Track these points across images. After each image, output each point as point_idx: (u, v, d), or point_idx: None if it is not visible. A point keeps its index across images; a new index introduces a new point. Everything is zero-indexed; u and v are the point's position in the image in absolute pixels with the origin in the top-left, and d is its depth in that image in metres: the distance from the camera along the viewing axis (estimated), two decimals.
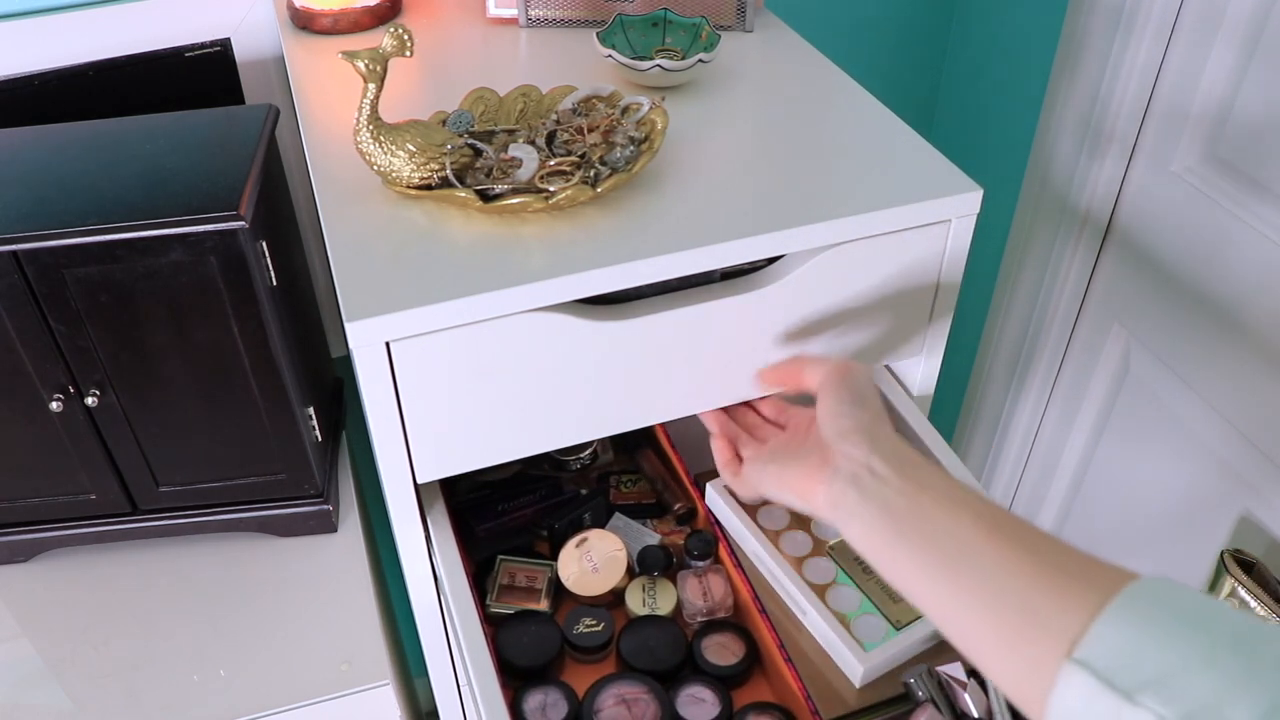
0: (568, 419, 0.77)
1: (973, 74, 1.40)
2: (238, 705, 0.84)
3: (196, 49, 1.02)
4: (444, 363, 0.69)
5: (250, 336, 0.81)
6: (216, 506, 0.93)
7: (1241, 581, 0.99)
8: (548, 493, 1.00)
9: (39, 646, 0.89)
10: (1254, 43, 1.00)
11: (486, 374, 0.71)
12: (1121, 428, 1.29)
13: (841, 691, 0.81)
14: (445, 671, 0.94)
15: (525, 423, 0.76)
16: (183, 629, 0.90)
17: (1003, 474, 1.55)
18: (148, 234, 0.73)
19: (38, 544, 0.94)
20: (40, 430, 0.85)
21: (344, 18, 0.97)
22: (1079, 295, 1.31)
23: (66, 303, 0.77)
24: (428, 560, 0.82)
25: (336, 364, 1.16)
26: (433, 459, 0.75)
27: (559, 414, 0.76)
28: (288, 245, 0.92)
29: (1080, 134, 1.20)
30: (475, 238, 0.72)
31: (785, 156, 0.80)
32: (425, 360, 0.69)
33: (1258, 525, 1.09)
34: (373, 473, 1.35)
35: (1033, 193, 1.31)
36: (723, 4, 0.97)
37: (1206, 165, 1.09)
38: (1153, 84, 1.12)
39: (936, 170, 0.78)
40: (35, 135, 0.85)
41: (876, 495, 0.57)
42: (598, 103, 0.80)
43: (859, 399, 0.63)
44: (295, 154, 1.05)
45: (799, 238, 0.73)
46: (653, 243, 0.70)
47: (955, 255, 0.80)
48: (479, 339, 0.69)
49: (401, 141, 0.72)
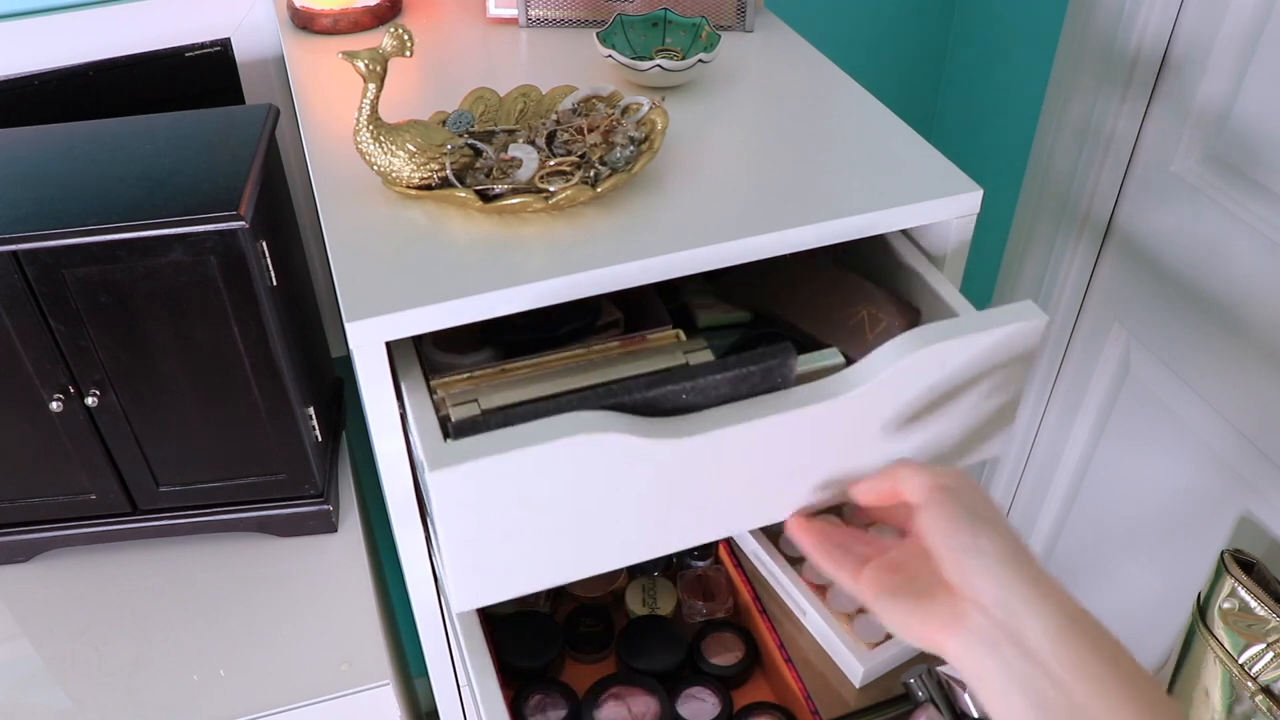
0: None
1: (973, 74, 1.40)
2: (238, 705, 0.84)
3: (196, 49, 1.02)
4: None
5: (250, 336, 0.81)
6: (216, 506, 0.93)
7: (1241, 581, 0.99)
8: None
9: (39, 646, 0.89)
10: (1254, 43, 1.00)
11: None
12: (1121, 428, 1.29)
13: (842, 692, 0.81)
14: (445, 671, 0.94)
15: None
16: (183, 629, 0.90)
17: (1003, 474, 1.55)
18: (148, 234, 0.73)
19: (38, 544, 0.94)
20: (40, 430, 0.85)
21: (344, 18, 0.97)
22: (1079, 295, 1.31)
23: (66, 303, 0.77)
24: (428, 560, 0.82)
25: (336, 364, 1.16)
26: None
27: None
28: (288, 245, 0.92)
29: (1080, 134, 1.20)
30: (475, 238, 0.72)
31: (785, 157, 0.80)
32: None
33: (1258, 525, 1.09)
34: (373, 473, 1.35)
35: (1033, 193, 1.31)
36: (723, 4, 0.97)
37: (1206, 165, 1.09)
38: (1153, 83, 1.12)
39: (936, 170, 0.78)
40: (35, 135, 0.85)
41: (1024, 679, 0.48)
42: (598, 103, 0.80)
43: (973, 520, 0.54)
44: (295, 154, 1.05)
45: (799, 237, 0.73)
46: (653, 243, 0.70)
47: (955, 255, 0.79)
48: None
49: (401, 141, 0.72)
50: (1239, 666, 0.99)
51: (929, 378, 0.67)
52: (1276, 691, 0.97)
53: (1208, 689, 1.04)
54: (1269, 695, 0.97)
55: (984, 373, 0.69)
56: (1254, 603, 0.98)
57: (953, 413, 0.70)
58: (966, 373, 0.68)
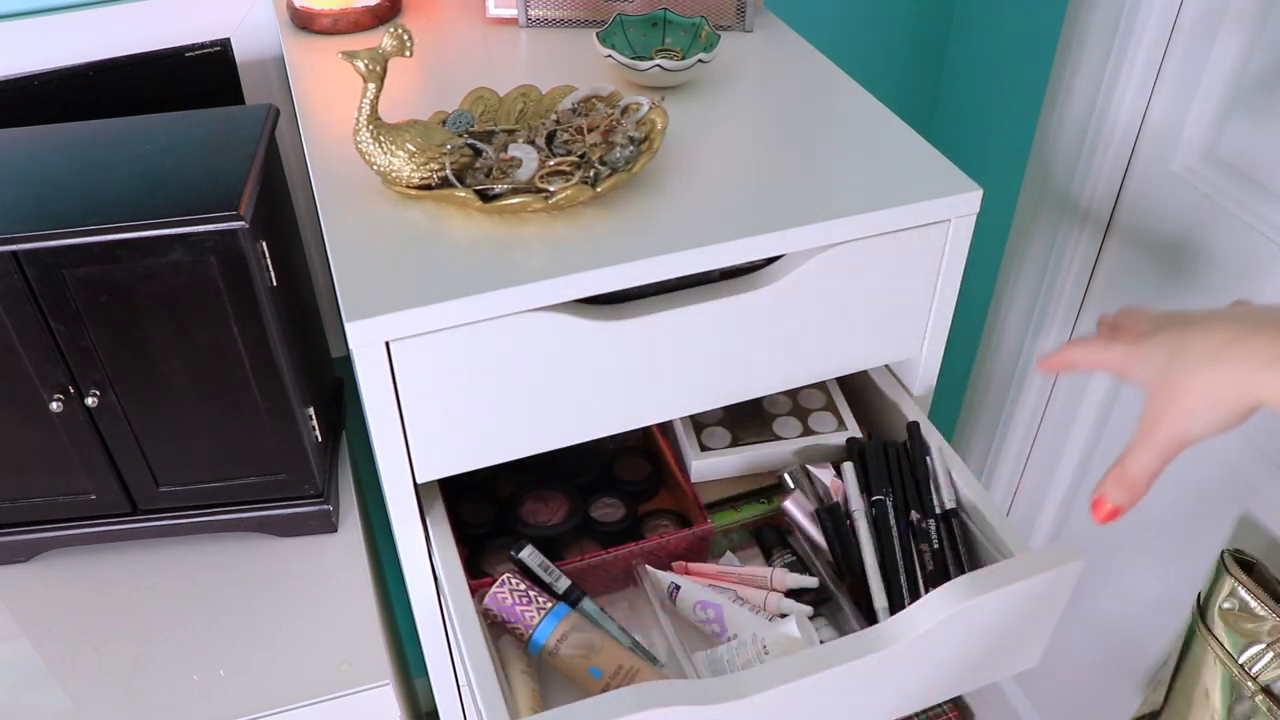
0: (567, 419, 0.77)
1: (973, 74, 1.40)
2: (238, 705, 0.84)
3: (196, 49, 1.02)
4: (444, 363, 0.69)
5: (250, 336, 0.81)
6: (216, 506, 0.93)
7: (1241, 581, 0.99)
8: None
9: (39, 646, 0.89)
10: (1255, 41, 1.00)
11: (486, 374, 0.71)
12: (1121, 428, 1.29)
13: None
14: (445, 671, 0.94)
15: (524, 422, 0.76)
16: (183, 629, 0.90)
17: (1003, 474, 1.55)
18: (147, 234, 0.73)
19: (38, 544, 0.94)
20: (40, 430, 0.85)
21: (344, 18, 0.97)
22: (1079, 295, 1.31)
23: (66, 303, 0.77)
24: (428, 560, 0.82)
25: (336, 364, 1.16)
26: (432, 459, 0.75)
27: (558, 414, 0.76)
28: (288, 245, 0.92)
29: (1080, 134, 1.20)
30: (475, 238, 0.72)
31: (785, 156, 0.80)
32: (425, 360, 0.69)
33: (1258, 525, 1.09)
34: (373, 473, 1.35)
35: (1033, 193, 1.31)
36: (723, 4, 0.97)
37: (1206, 165, 1.09)
38: (1153, 83, 1.12)
39: (936, 170, 0.78)
40: (35, 135, 0.85)
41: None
42: (597, 103, 0.80)
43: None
44: (295, 154, 1.05)
45: (799, 237, 0.73)
46: (653, 243, 0.70)
47: (955, 255, 0.80)
48: (479, 339, 0.69)
49: (401, 141, 0.72)
50: (1239, 666, 0.99)
51: (845, 273, 0.77)
52: (1276, 691, 0.97)
53: (1208, 689, 1.04)
54: (1269, 695, 0.97)
55: (903, 269, 0.78)
56: (1254, 603, 0.98)
57: (870, 312, 0.81)
58: (885, 269, 0.78)
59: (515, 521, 0.92)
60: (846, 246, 0.75)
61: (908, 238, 0.77)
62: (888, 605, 0.79)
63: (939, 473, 0.84)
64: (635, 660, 0.77)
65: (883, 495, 0.83)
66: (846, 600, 0.82)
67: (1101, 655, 1.41)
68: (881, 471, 0.85)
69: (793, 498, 0.88)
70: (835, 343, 0.81)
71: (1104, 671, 1.41)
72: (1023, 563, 0.72)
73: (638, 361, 0.75)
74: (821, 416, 0.95)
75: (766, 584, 0.84)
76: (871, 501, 0.84)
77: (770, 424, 0.94)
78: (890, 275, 0.79)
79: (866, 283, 0.79)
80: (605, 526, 0.93)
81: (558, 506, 0.93)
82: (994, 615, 0.72)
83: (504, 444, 0.77)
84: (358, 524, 0.98)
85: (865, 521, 0.83)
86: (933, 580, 0.79)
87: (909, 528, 0.82)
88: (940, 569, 0.80)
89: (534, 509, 0.93)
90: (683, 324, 0.75)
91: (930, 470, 0.84)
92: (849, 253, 0.76)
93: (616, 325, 0.73)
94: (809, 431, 0.93)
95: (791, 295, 0.77)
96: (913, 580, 0.80)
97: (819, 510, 0.85)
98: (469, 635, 0.73)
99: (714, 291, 0.75)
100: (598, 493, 0.96)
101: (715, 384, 0.80)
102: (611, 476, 0.98)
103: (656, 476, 0.97)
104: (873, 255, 0.77)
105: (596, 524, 0.93)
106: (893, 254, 0.77)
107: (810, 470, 0.89)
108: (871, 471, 0.85)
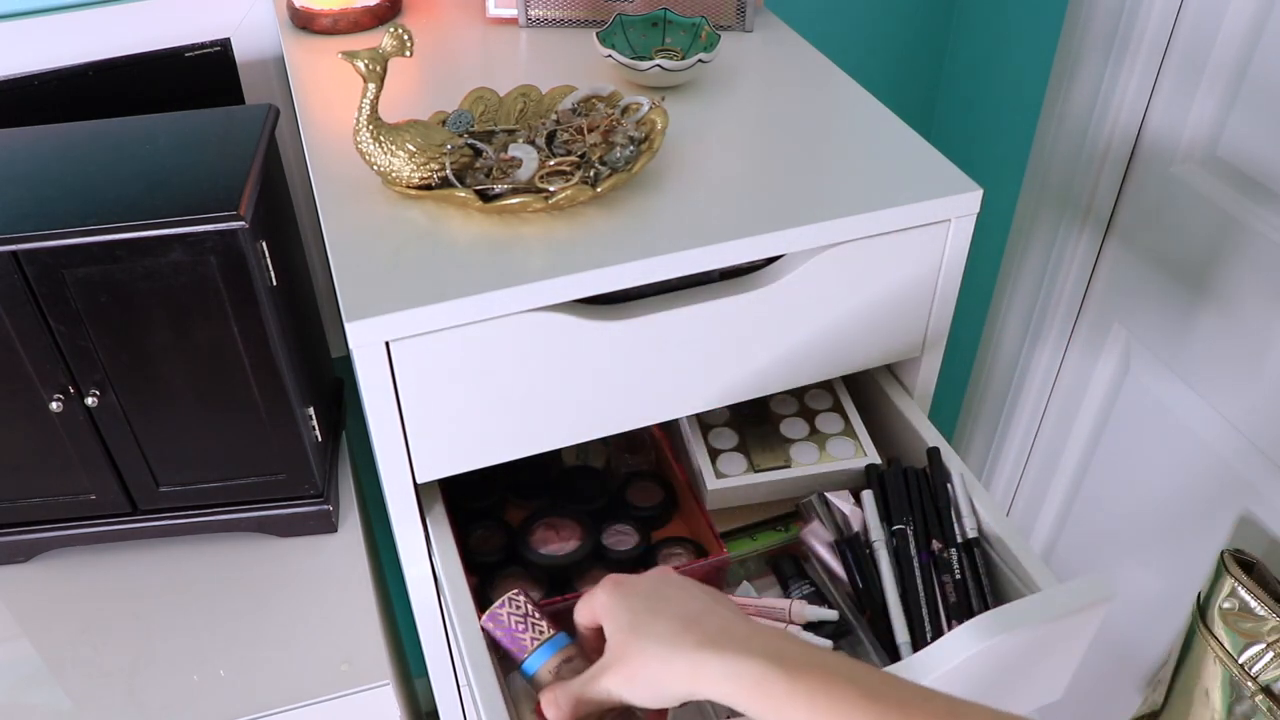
0: (566, 419, 0.77)
1: (973, 74, 1.40)
2: (237, 705, 0.84)
3: (196, 49, 1.02)
4: (444, 363, 0.69)
5: (250, 336, 0.81)
6: (216, 506, 0.93)
7: (1241, 581, 0.99)
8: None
9: (39, 646, 0.89)
10: (1255, 40, 1.00)
11: (486, 374, 0.71)
12: (1121, 427, 1.29)
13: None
14: (445, 671, 0.94)
15: (524, 422, 0.76)
16: (183, 629, 0.90)
17: (1003, 474, 1.55)
18: (148, 234, 0.73)
19: (38, 544, 0.94)
20: (40, 430, 0.85)
21: (344, 18, 0.97)
22: (1079, 295, 1.31)
23: (66, 303, 0.77)
24: (428, 560, 0.82)
25: (336, 364, 1.16)
26: (432, 459, 0.75)
27: (558, 413, 0.76)
28: (288, 245, 0.92)
29: (1080, 134, 1.20)
30: (475, 238, 0.72)
31: (785, 156, 0.80)
32: (425, 360, 0.69)
33: (1258, 525, 1.09)
34: (373, 473, 1.35)
35: (1033, 192, 1.31)
36: (723, 4, 0.97)
37: (1206, 165, 1.09)
38: (1153, 83, 1.12)
39: (936, 170, 0.78)
40: (35, 135, 0.85)
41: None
42: (597, 103, 0.80)
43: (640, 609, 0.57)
44: (295, 154, 1.05)
45: (799, 237, 0.73)
46: (652, 243, 0.70)
47: (955, 255, 0.80)
48: (479, 339, 0.69)
49: (401, 141, 0.72)
50: (1239, 666, 0.99)
51: (846, 274, 0.77)
52: (1277, 691, 0.97)
53: (1208, 689, 1.04)
54: (1269, 695, 0.97)
55: (902, 269, 0.79)
56: (1254, 603, 0.98)
57: (870, 312, 0.81)
58: (885, 269, 0.78)
59: (526, 550, 0.90)
60: (847, 246, 0.75)
61: (908, 238, 0.77)
62: (909, 640, 0.76)
63: (960, 500, 0.81)
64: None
65: (903, 524, 0.80)
66: (867, 634, 0.79)
67: (1101, 655, 1.41)
68: (902, 499, 0.82)
69: (811, 527, 0.85)
70: (835, 343, 0.81)
71: (1104, 671, 1.41)
72: (1051, 602, 0.69)
73: (638, 361, 0.75)
74: (840, 442, 0.91)
75: (785, 616, 0.80)
76: (892, 531, 0.81)
77: (778, 424, 0.93)
78: (890, 275, 0.79)
79: (866, 283, 0.79)
80: (617, 554, 0.90)
81: (569, 534, 0.91)
82: (1018, 653, 0.70)
83: (504, 444, 0.77)
84: (358, 524, 0.98)
85: (886, 552, 0.80)
86: (955, 612, 0.77)
87: (930, 558, 0.79)
88: (962, 600, 0.77)
89: (545, 537, 0.91)
90: (683, 324, 0.75)
91: (951, 497, 0.81)
92: (849, 253, 0.76)
93: (617, 325, 0.73)
94: (827, 457, 0.90)
95: (791, 295, 0.76)
96: (934, 613, 0.77)
97: (839, 541, 0.82)
98: (469, 635, 0.73)
99: (714, 291, 0.75)
100: (609, 519, 0.93)
101: (715, 384, 0.80)
102: (623, 502, 0.95)
103: (670, 501, 0.95)
104: (873, 255, 0.77)
105: (608, 551, 0.91)
106: (893, 254, 0.77)
107: (829, 498, 0.85)
108: (891, 499, 0.82)
